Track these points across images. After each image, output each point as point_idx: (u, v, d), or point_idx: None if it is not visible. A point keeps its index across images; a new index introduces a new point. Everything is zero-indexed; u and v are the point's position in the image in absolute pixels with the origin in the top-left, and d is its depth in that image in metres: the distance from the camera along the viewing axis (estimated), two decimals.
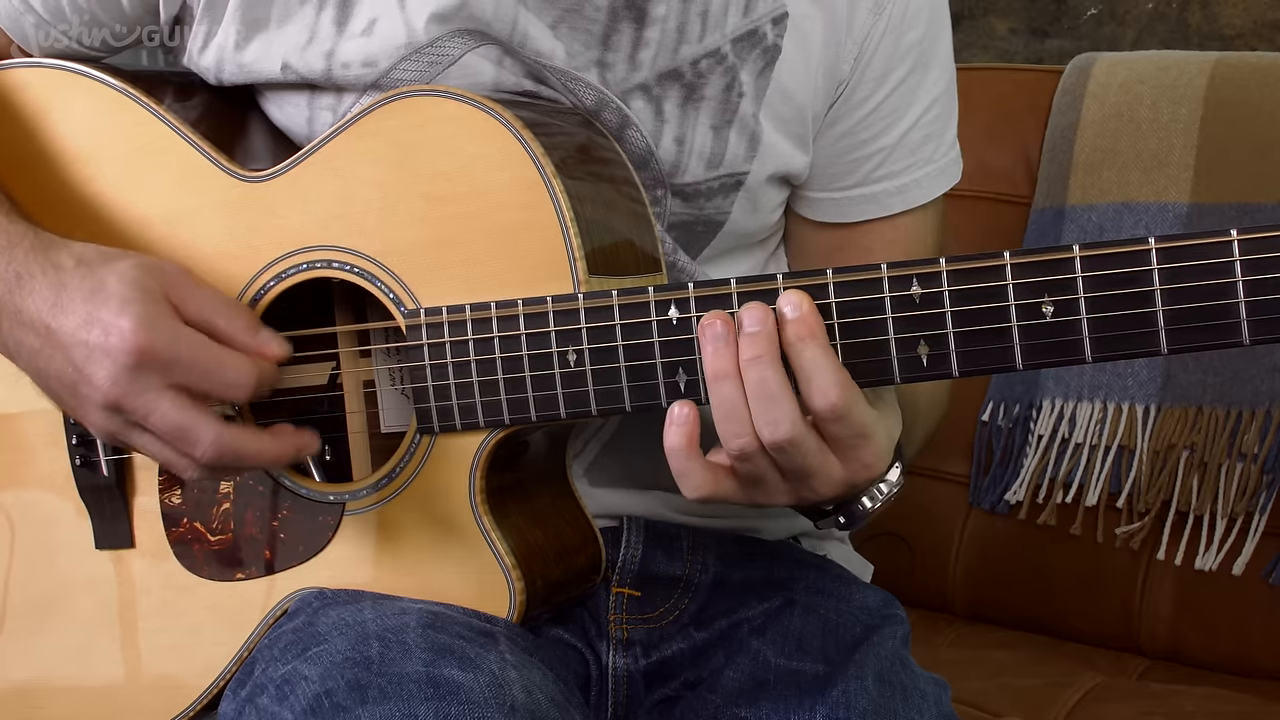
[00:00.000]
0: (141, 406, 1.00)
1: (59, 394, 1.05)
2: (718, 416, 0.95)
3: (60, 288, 1.02)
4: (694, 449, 0.95)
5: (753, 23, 1.14)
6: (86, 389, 1.01)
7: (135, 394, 1.00)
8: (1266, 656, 1.70)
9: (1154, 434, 1.75)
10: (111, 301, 1.00)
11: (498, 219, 1.03)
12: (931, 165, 1.23)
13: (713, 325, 0.94)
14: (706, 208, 1.17)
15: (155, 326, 1.00)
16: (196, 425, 1.00)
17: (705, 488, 0.96)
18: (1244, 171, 1.76)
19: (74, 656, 1.19)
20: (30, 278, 1.04)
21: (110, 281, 1.01)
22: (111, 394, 1.00)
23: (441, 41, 1.10)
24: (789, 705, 1.08)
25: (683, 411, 0.95)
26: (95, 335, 1.00)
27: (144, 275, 1.02)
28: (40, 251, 1.05)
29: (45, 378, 1.05)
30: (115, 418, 1.01)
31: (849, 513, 1.02)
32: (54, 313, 1.02)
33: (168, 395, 1.00)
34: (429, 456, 1.07)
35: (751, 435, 0.94)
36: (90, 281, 1.02)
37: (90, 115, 1.15)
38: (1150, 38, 2.33)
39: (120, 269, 1.02)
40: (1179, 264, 0.88)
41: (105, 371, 0.99)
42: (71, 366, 1.01)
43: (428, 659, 0.98)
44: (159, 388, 1.00)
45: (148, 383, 0.99)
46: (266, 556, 1.13)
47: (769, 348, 0.93)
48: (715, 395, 0.94)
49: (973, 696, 1.57)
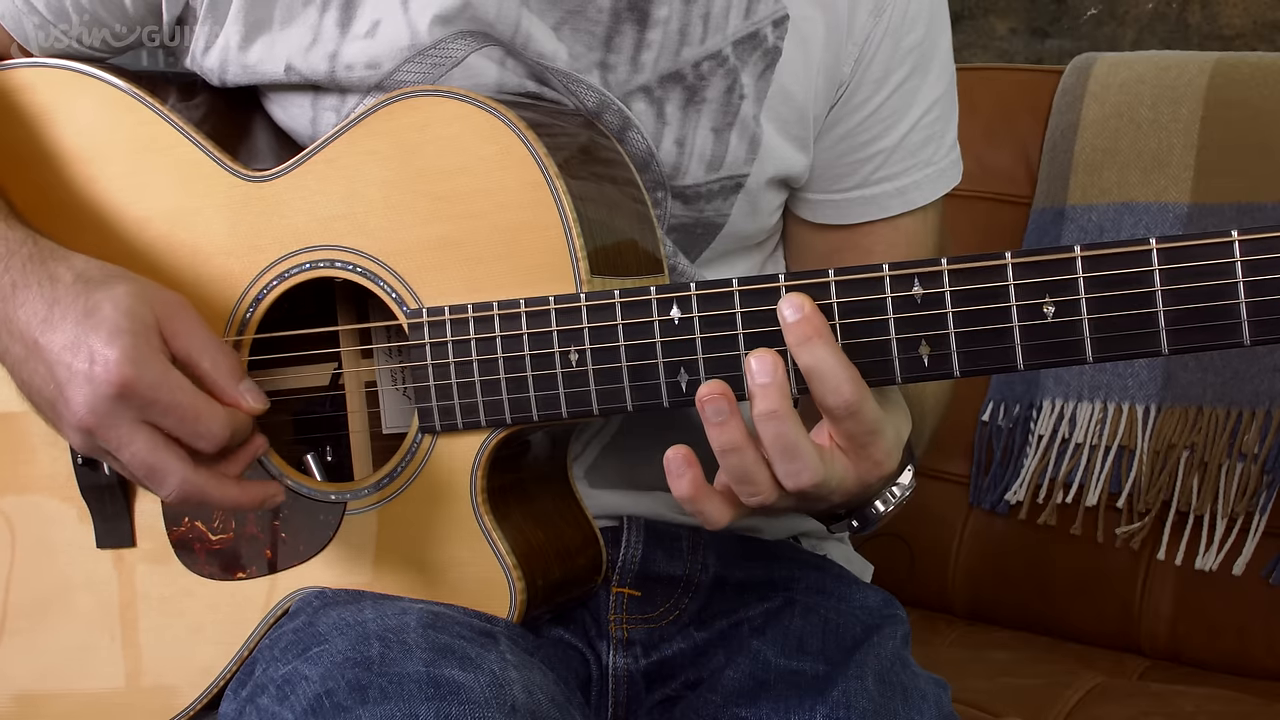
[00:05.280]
0: (115, 439, 1.00)
1: (39, 405, 1.05)
2: (731, 481, 0.94)
3: (54, 303, 1.02)
4: (703, 490, 0.94)
5: (754, 25, 1.14)
6: (64, 409, 1.01)
7: (110, 426, 1.00)
8: (1266, 656, 1.70)
9: (1154, 434, 1.75)
10: (102, 329, 1.00)
11: (500, 219, 1.03)
12: (932, 167, 1.23)
13: (713, 400, 0.91)
14: (706, 210, 1.17)
15: (141, 363, 0.99)
16: (166, 467, 1.01)
17: (726, 518, 0.96)
18: (1244, 171, 1.76)
19: (74, 655, 1.19)
20: (25, 288, 1.04)
21: (105, 307, 1.01)
22: (87, 421, 1.00)
23: (445, 43, 1.10)
24: (789, 705, 1.08)
25: (678, 459, 0.93)
26: (80, 360, 1.00)
27: (138, 304, 1.01)
28: (38, 262, 1.05)
29: (27, 388, 1.05)
30: (90, 440, 1.02)
31: (862, 516, 1.02)
32: (43, 328, 1.02)
33: (142, 433, 1.00)
34: (430, 456, 1.07)
35: (770, 490, 0.93)
36: (84, 302, 1.01)
37: (95, 115, 1.15)
38: (1150, 38, 2.33)
39: (116, 295, 1.02)
40: (1180, 264, 0.88)
41: (84, 397, 1.00)
42: (54, 383, 1.01)
43: (428, 659, 0.98)
44: (133, 423, 1.00)
45: (123, 416, 1.00)
46: (267, 556, 1.13)
47: (782, 400, 0.91)
48: (726, 465, 0.93)
49: (973, 696, 1.57)
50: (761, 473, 0.93)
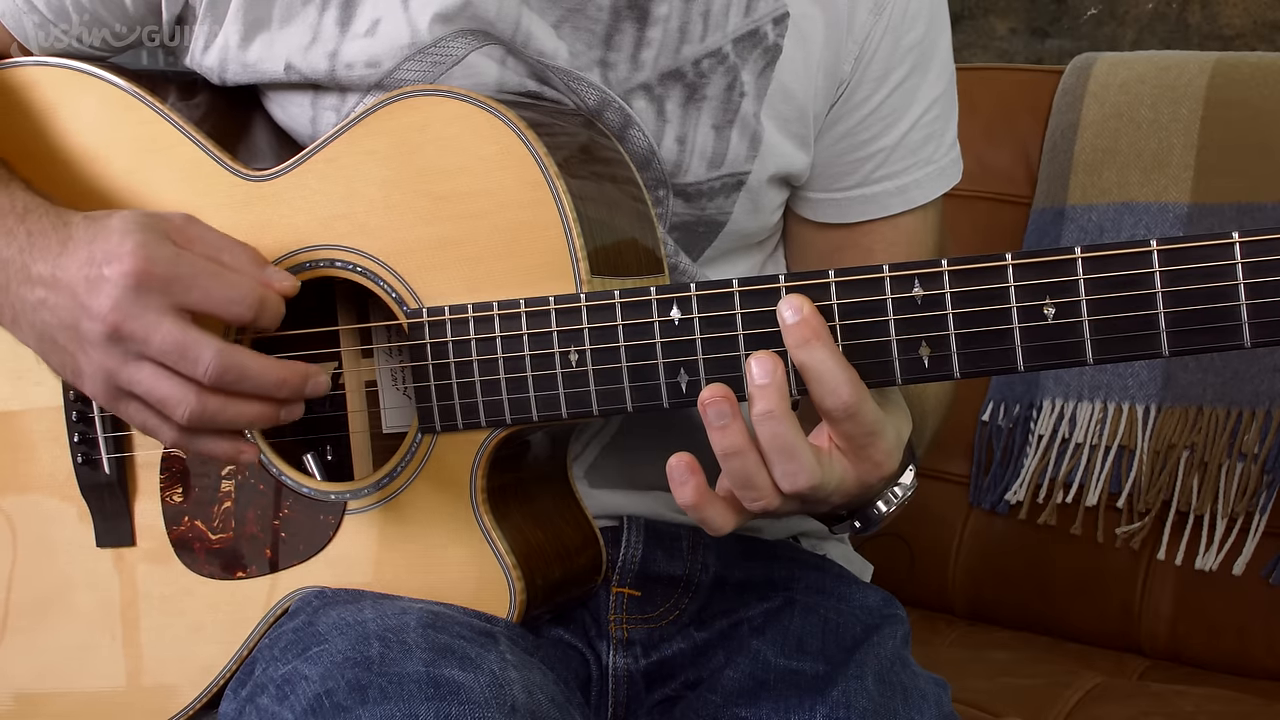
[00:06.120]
0: (142, 329, 0.99)
1: (61, 346, 1.04)
2: (734, 485, 0.94)
3: (67, 240, 1.03)
4: (706, 496, 0.94)
5: (754, 22, 1.14)
6: (88, 323, 1.01)
7: (136, 315, 0.99)
8: (1266, 656, 1.70)
9: (1154, 434, 1.75)
10: (112, 236, 1.01)
11: (501, 219, 1.03)
12: (932, 165, 1.23)
13: (715, 403, 0.92)
14: (708, 208, 1.17)
15: (154, 248, 1.00)
16: (199, 342, 0.99)
17: (728, 525, 0.96)
18: (1244, 171, 1.76)
19: (75, 654, 1.19)
20: (41, 234, 1.05)
21: (111, 222, 1.02)
22: (111, 318, 0.99)
23: (445, 42, 1.10)
24: (789, 705, 1.08)
25: (681, 466, 0.93)
26: (96, 268, 1.00)
27: (145, 218, 1.03)
28: (54, 214, 1.06)
29: (49, 331, 1.04)
30: (115, 350, 1.01)
31: (865, 517, 1.02)
32: (59, 261, 1.03)
33: (169, 315, 0.99)
34: (430, 456, 1.07)
35: (771, 494, 0.94)
36: (93, 229, 1.03)
37: (96, 114, 1.15)
38: (1150, 38, 2.33)
39: (123, 213, 1.03)
40: (1181, 266, 0.88)
41: (106, 297, 0.99)
42: (74, 302, 1.01)
43: (428, 659, 0.98)
44: (160, 308, 0.99)
45: (148, 303, 0.99)
46: (268, 555, 1.13)
47: (780, 401, 0.92)
48: (728, 468, 0.93)
49: (973, 696, 1.57)
50: (763, 476, 0.93)
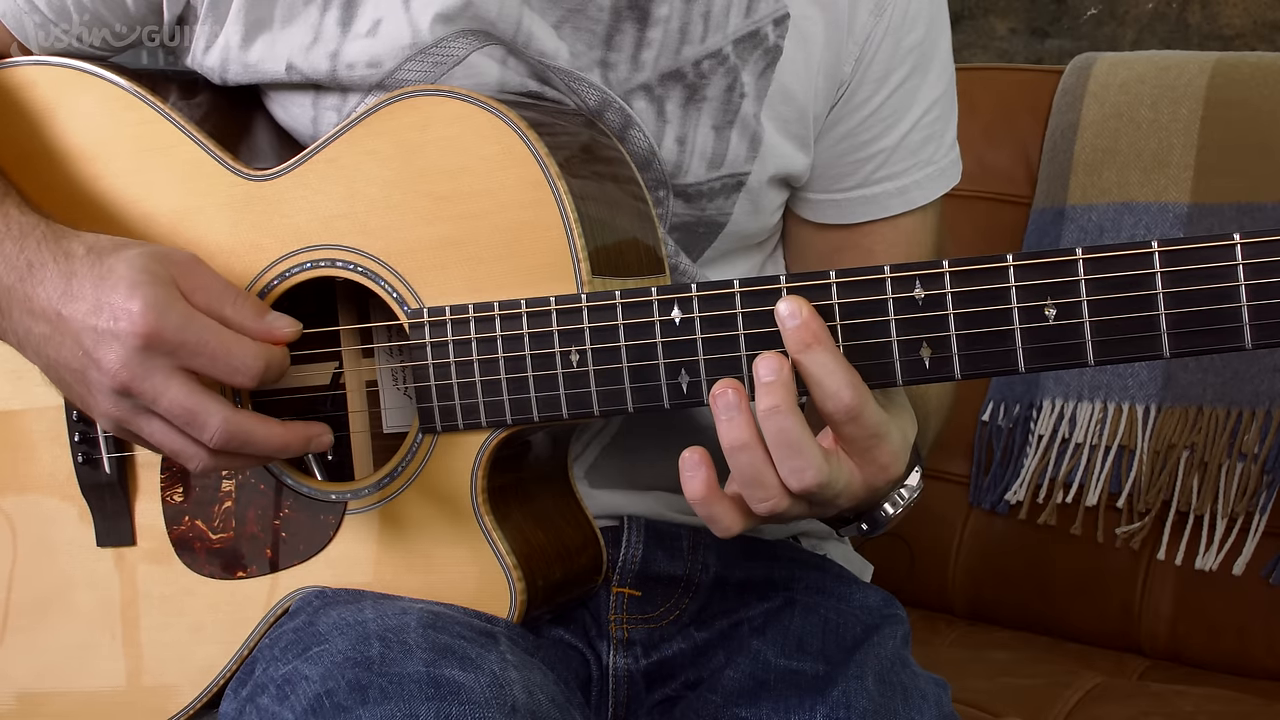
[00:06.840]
0: (150, 389, 1.00)
1: (69, 383, 1.05)
2: (741, 483, 0.94)
3: (70, 275, 1.03)
4: (715, 492, 0.94)
5: (754, 23, 1.14)
6: (96, 374, 1.01)
7: (144, 376, 1.00)
8: (1266, 656, 1.70)
9: (1154, 434, 1.75)
10: (121, 286, 1.01)
11: (502, 219, 1.03)
12: (932, 166, 1.23)
13: (724, 395, 0.93)
14: (708, 209, 1.17)
15: (164, 310, 1.00)
16: (206, 408, 1.00)
17: (736, 527, 0.96)
18: (1244, 171, 1.76)
19: (75, 654, 1.19)
20: (41, 266, 1.04)
21: (119, 268, 1.02)
22: (120, 377, 1.00)
23: (446, 42, 1.10)
24: (789, 705, 1.08)
25: (693, 458, 0.93)
26: (104, 320, 1.00)
27: (152, 262, 1.02)
28: (52, 240, 1.06)
29: (55, 366, 1.05)
30: (124, 403, 1.02)
31: (871, 519, 1.02)
32: (64, 300, 1.03)
33: (177, 378, 1.00)
34: (431, 456, 1.07)
35: (779, 494, 0.93)
36: (99, 268, 1.02)
37: (97, 113, 1.15)
38: (1150, 38, 2.33)
39: (129, 256, 1.03)
40: (1182, 267, 0.88)
41: (115, 355, 1.00)
42: (81, 351, 1.02)
43: (429, 659, 0.98)
44: (168, 370, 1.00)
45: (156, 365, 1.00)
46: (268, 555, 1.13)
47: (786, 397, 0.91)
48: (735, 464, 0.93)
49: (973, 696, 1.57)
50: (770, 474, 0.93)
